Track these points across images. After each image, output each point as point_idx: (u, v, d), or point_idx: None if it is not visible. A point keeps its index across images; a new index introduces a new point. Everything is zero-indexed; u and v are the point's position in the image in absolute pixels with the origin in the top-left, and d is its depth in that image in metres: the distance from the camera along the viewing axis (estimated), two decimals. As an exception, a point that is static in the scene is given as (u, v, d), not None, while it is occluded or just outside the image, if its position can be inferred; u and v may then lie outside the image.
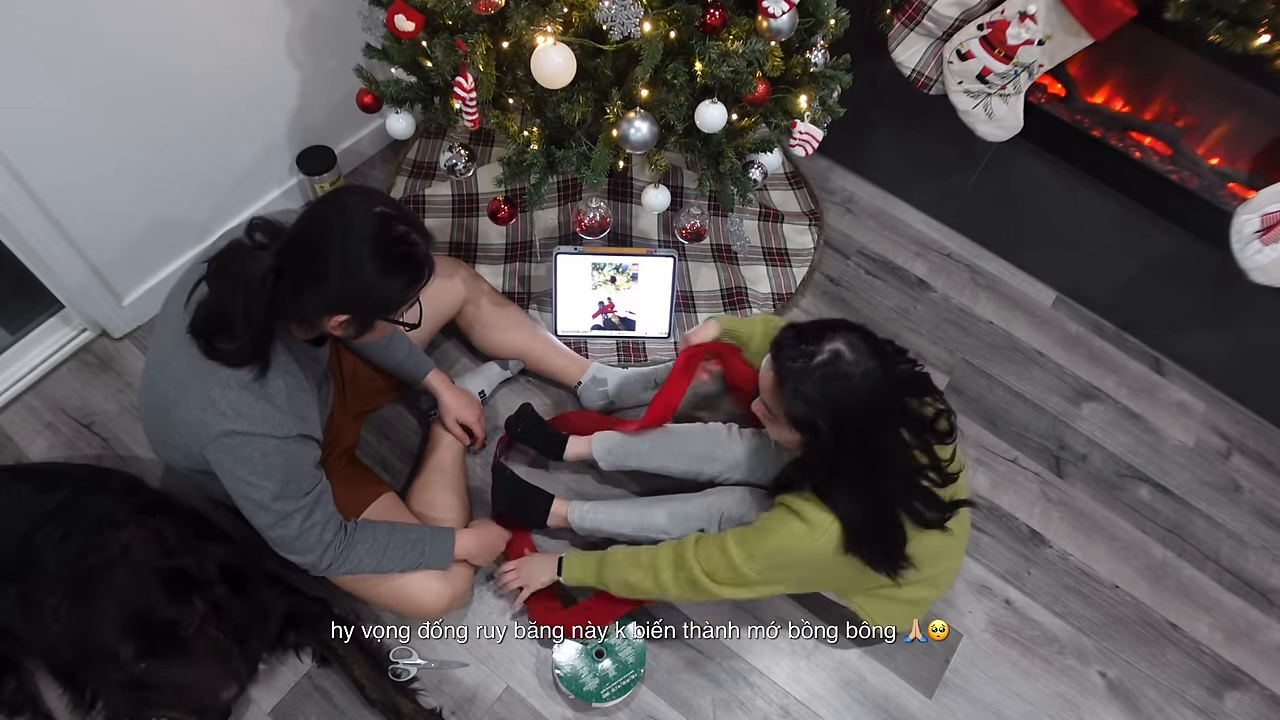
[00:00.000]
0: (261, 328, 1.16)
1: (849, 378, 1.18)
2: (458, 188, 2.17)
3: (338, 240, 1.13)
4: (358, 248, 1.13)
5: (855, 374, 1.18)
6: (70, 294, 1.77)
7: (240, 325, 1.14)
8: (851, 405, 1.19)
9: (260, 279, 1.13)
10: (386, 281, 1.17)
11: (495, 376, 1.89)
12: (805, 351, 1.20)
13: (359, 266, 1.14)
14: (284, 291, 1.15)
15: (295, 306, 1.17)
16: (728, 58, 1.42)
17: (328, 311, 1.18)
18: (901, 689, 1.66)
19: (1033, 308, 2.25)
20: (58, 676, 1.46)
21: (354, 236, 1.13)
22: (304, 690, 1.56)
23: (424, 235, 1.20)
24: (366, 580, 1.48)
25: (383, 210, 1.15)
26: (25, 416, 1.80)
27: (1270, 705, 1.73)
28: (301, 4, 1.81)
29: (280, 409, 1.21)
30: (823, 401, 1.19)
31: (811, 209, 2.33)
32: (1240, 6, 1.50)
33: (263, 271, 1.13)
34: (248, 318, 1.14)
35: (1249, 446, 2.08)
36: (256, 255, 1.15)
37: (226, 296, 1.15)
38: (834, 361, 1.18)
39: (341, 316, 1.18)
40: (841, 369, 1.18)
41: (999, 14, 1.73)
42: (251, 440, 1.19)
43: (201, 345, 1.18)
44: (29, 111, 1.47)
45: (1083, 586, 1.83)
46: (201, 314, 1.19)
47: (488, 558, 1.60)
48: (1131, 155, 1.93)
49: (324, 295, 1.16)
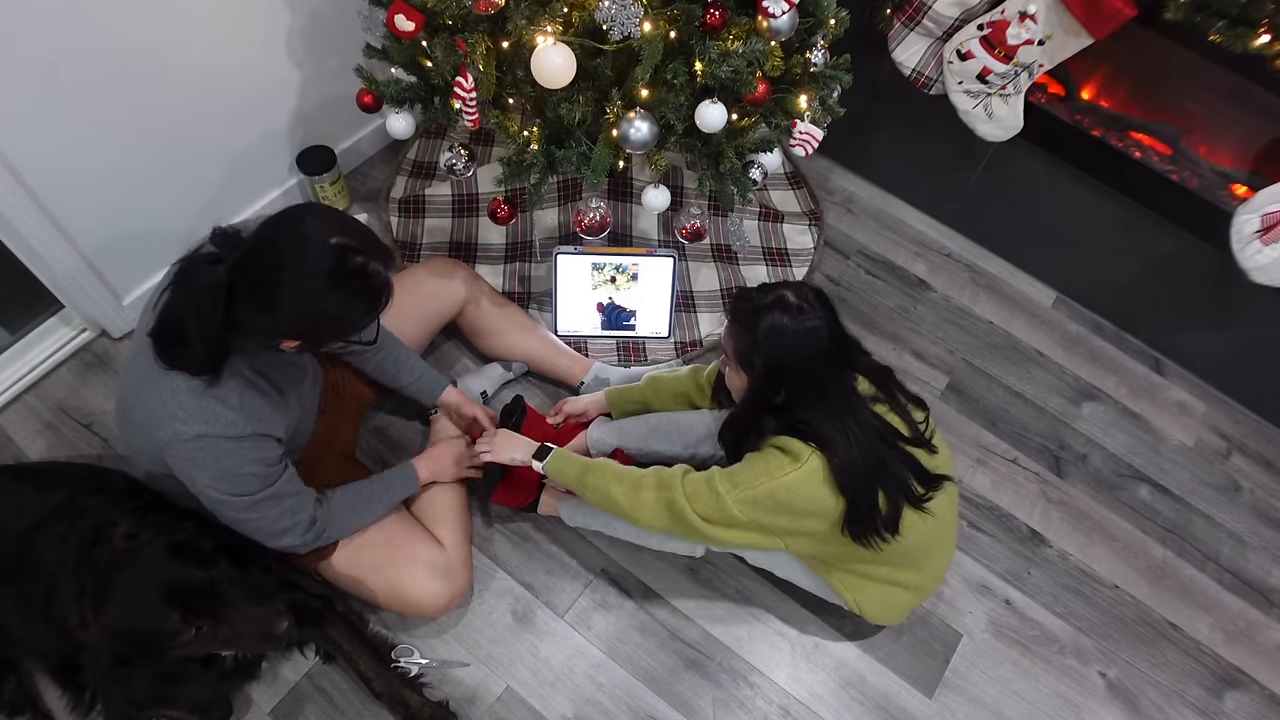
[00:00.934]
0: (216, 342, 1.15)
1: (788, 316, 1.27)
2: (458, 188, 2.17)
3: (292, 271, 1.11)
4: (313, 281, 1.12)
5: (794, 316, 1.27)
6: (70, 294, 1.77)
7: (195, 338, 1.14)
8: (786, 344, 1.28)
9: (212, 296, 1.11)
10: (342, 313, 1.17)
11: (498, 378, 1.89)
12: (755, 296, 1.31)
13: (314, 299, 1.13)
14: (237, 309, 1.13)
15: (244, 324, 1.15)
16: (728, 58, 1.42)
17: (278, 336, 1.17)
18: (901, 689, 1.66)
19: (1033, 308, 2.25)
20: (57, 677, 1.46)
21: (309, 269, 1.11)
22: (304, 690, 1.56)
23: (384, 260, 1.18)
24: (365, 580, 1.48)
25: (340, 242, 1.13)
26: (25, 416, 1.80)
27: (1270, 705, 1.73)
28: (301, 4, 1.81)
29: (232, 408, 1.21)
30: (761, 338, 1.28)
31: (811, 209, 2.33)
32: (1240, 6, 1.50)
33: (216, 287, 1.11)
34: (202, 333, 1.13)
35: (1249, 446, 2.08)
36: (212, 269, 1.12)
37: (181, 309, 1.14)
38: (776, 305, 1.28)
39: (293, 342, 1.18)
40: (779, 311, 1.28)
41: (999, 14, 1.73)
42: (205, 442, 1.19)
43: (157, 350, 1.18)
44: (28, 111, 1.47)
45: (1083, 586, 1.83)
46: (160, 321, 1.18)
47: (454, 467, 1.63)
48: (1131, 155, 1.93)
49: (275, 322, 1.14)
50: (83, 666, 1.41)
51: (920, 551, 1.45)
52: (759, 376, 1.31)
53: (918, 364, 2.11)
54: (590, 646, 1.65)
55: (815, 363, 1.29)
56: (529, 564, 1.72)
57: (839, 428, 1.29)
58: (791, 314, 1.27)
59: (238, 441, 1.21)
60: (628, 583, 1.72)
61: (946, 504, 1.44)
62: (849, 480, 1.29)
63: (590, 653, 1.64)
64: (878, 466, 1.31)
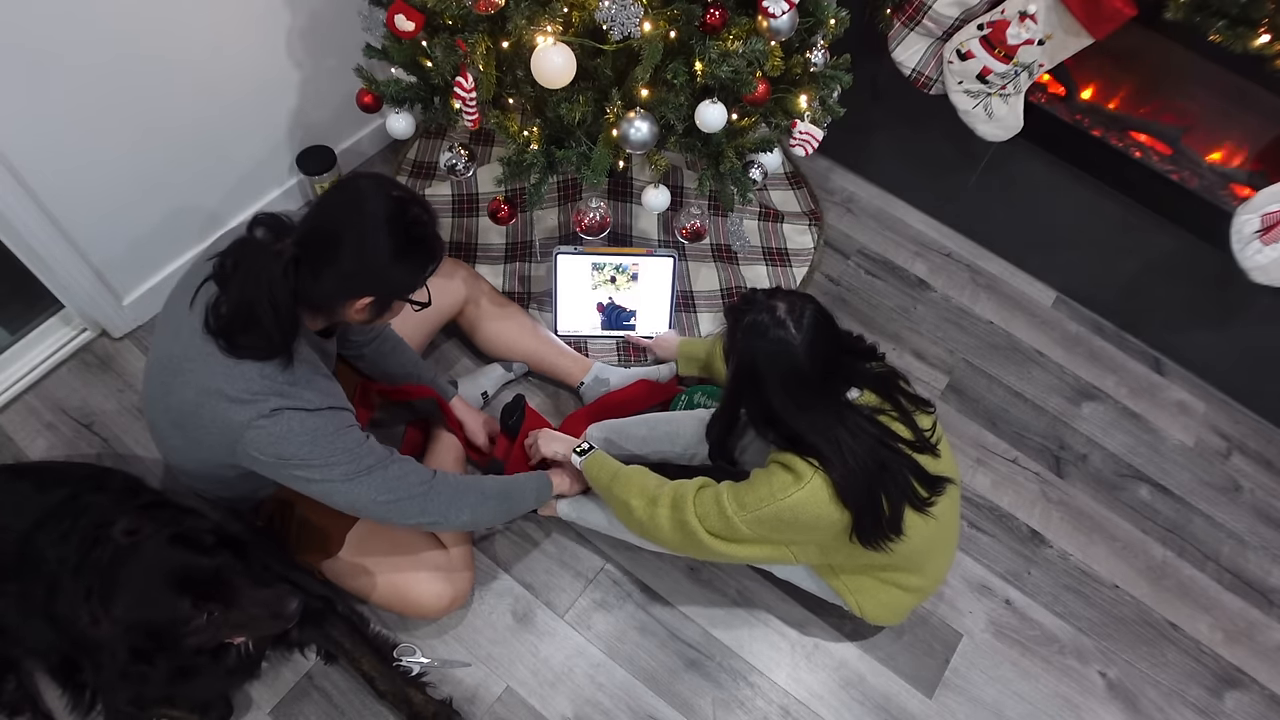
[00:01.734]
0: (288, 319, 1.17)
1: (764, 331, 1.26)
2: (458, 188, 2.17)
3: (355, 224, 1.15)
4: (375, 231, 1.15)
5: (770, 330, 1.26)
6: (70, 294, 1.77)
7: (267, 319, 1.14)
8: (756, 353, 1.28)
9: (283, 270, 1.13)
10: (403, 263, 1.20)
11: (498, 378, 1.89)
12: (757, 298, 1.31)
13: (376, 250, 1.16)
14: (304, 280, 1.16)
15: (315, 293, 1.18)
16: (728, 58, 1.42)
17: (348, 296, 1.19)
18: (901, 689, 1.66)
19: (1033, 308, 2.25)
20: (57, 676, 1.45)
21: (371, 220, 1.15)
22: (304, 690, 1.56)
23: (433, 219, 1.22)
24: (367, 580, 1.48)
25: (398, 194, 1.17)
26: (25, 416, 1.80)
27: (1270, 705, 1.73)
28: (301, 4, 1.81)
29: (303, 386, 1.22)
30: (740, 336, 1.29)
31: (811, 209, 2.33)
32: (1240, 6, 1.50)
33: (285, 262, 1.13)
34: (275, 310, 1.14)
35: (1249, 446, 2.08)
36: (273, 248, 1.15)
37: (250, 291, 1.14)
38: (762, 311, 1.27)
39: (362, 300, 1.20)
40: (761, 319, 1.27)
41: (999, 14, 1.73)
42: (282, 416, 1.19)
43: (222, 345, 1.18)
44: (28, 111, 1.47)
45: (1083, 586, 1.83)
46: (219, 313, 1.18)
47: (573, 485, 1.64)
48: (1131, 155, 1.93)
49: (343, 280, 1.17)
50: (83, 666, 1.41)
51: (923, 554, 1.45)
52: (731, 373, 1.34)
53: (918, 364, 2.11)
54: (590, 646, 1.65)
55: (787, 377, 1.28)
56: (529, 564, 1.72)
57: (829, 440, 1.28)
58: (773, 323, 1.26)
59: (316, 414, 1.21)
60: (628, 583, 1.72)
61: (949, 507, 1.45)
62: (851, 492, 1.28)
63: (590, 653, 1.65)
64: (877, 473, 1.30)
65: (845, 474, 1.28)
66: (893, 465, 1.32)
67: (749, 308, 1.30)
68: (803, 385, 1.28)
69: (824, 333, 1.29)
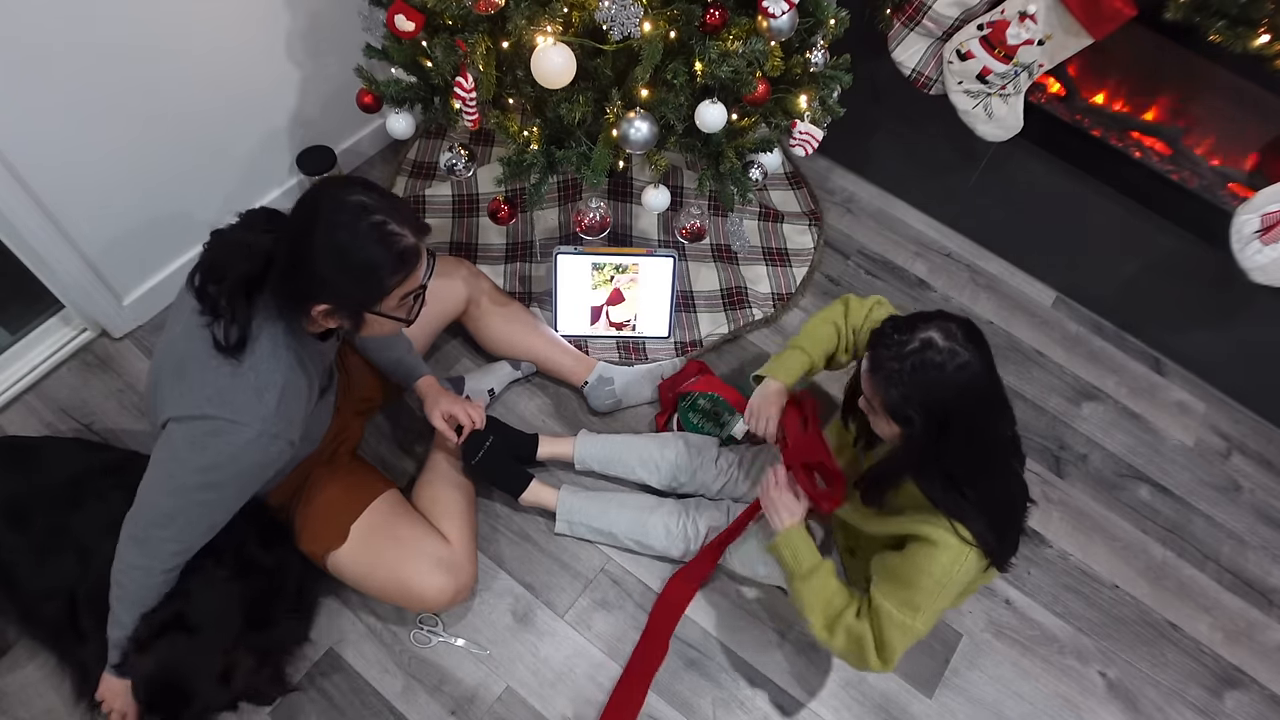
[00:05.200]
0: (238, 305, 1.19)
1: (941, 367, 1.13)
2: (458, 188, 2.17)
3: (304, 230, 1.15)
4: (328, 235, 1.14)
5: (948, 363, 1.13)
6: (70, 294, 1.77)
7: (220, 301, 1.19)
8: (946, 396, 1.15)
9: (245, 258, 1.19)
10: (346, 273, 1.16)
11: (505, 376, 1.90)
12: (898, 340, 1.17)
13: (331, 255, 1.14)
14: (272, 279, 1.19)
15: (279, 292, 1.20)
16: (728, 58, 1.42)
17: (302, 300, 1.19)
18: (901, 689, 1.66)
19: (1033, 308, 2.25)
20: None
21: (325, 225, 1.14)
22: (304, 690, 1.56)
23: (412, 227, 1.18)
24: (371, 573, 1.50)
25: (359, 200, 1.15)
26: (25, 416, 1.80)
27: (1270, 705, 1.73)
28: (301, 4, 1.81)
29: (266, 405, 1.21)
30: (914, 391, 1.15)
31: (811, 209, 2.33)
32: (1240, 6, 1.50)
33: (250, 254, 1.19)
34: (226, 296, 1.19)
35: (1249, 446, 2.08)
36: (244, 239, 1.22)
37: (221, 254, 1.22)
38: (924, 349, 1.14)
39: (319, 307, 1.18)
40: (931, 358, 1.13)
41: (999, 14, 1.73)
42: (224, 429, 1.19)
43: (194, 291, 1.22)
44: (29, 111, 1.47)
45: (1083, 586, 1.83)
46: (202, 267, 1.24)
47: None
48: (1131, 155, 1.93)
49: (291, 284, 1.18)
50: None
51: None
52: (922, 431, 1.17)
53: (918, 364, 2.11)
54: (590, 646, 1.65)
55: (975, 409, 1.16)
56: (529, 564, 1.72)
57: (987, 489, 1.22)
58: (946, 354, 1.13)
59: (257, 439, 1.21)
60: (628, 583, 1.72)
61: None
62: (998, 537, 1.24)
63: (590, 653, 1.65)
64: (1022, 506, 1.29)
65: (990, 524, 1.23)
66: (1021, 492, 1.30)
67: (891, 351, 1.16)
68: (985, 409, 1.19)
69: (982, 339, 1.18)
